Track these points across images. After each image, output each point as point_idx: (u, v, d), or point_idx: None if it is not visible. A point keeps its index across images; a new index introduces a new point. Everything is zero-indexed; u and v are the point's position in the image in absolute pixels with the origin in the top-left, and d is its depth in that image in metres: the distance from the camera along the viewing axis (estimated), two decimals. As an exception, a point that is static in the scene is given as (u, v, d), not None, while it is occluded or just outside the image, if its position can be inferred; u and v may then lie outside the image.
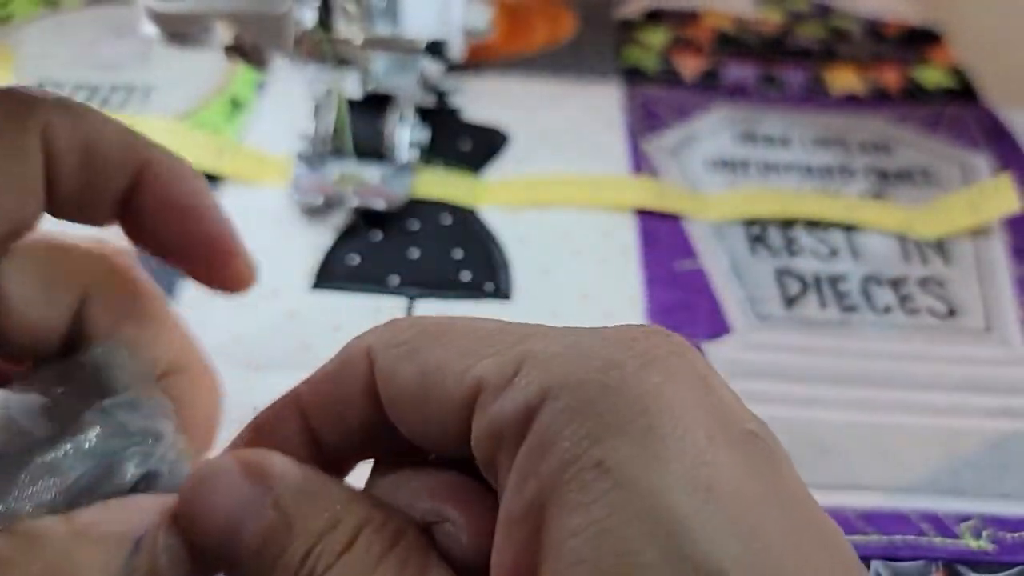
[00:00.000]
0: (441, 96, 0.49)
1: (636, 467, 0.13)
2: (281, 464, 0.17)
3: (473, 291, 0.38)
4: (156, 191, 0.19)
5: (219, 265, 0.20)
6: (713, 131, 0.48)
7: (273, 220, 0.41)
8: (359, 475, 0.19)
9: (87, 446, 0.17)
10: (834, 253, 0.41)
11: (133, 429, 0.17)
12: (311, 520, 0.16)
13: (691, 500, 0.13)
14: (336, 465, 0.19)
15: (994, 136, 0.49)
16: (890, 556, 0.29)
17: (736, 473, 0.14)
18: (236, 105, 0.47)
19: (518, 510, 0.14)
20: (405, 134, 0.41)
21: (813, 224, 0.42)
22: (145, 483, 0.17)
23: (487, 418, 0.15)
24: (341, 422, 0.18)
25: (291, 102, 0.47)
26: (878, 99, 0.51)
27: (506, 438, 0.15)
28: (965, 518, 0.31)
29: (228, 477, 0.16)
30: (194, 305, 0.36)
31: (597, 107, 0.49)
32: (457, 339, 0.16)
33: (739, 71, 0.53)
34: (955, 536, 0.30)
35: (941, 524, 0.30)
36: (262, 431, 0.19)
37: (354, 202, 0.40)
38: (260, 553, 0.16)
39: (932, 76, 0.53)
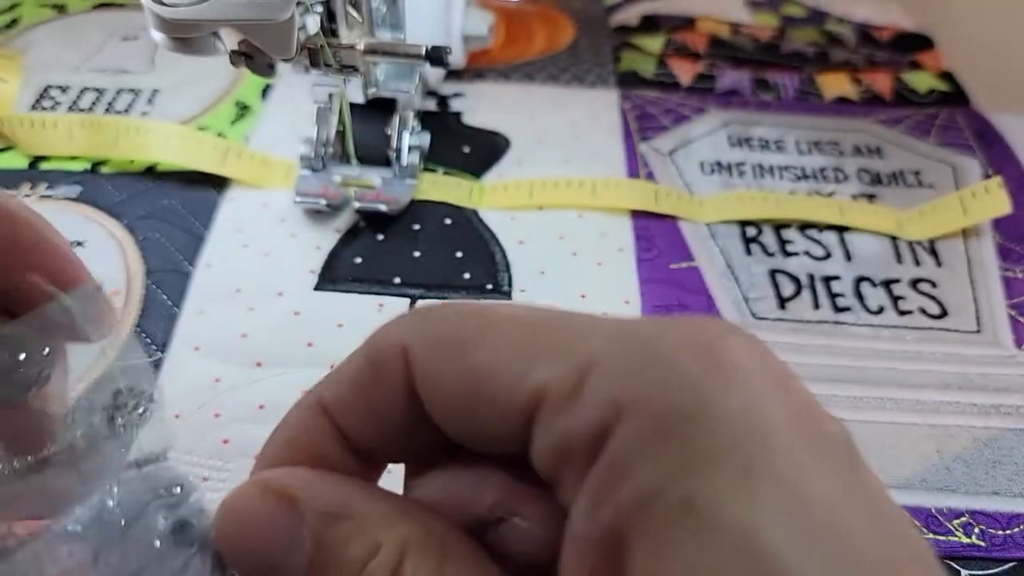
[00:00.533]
0: (443, 101, 0.50)
1: (727, 503, 0.12)
2: (310, 486, 0.16)
3: (473, 290, 0.39)
4: None
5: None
6: (708, 135, 0.49)
7: (278, 222, 0.41)
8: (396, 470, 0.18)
9: (111, 504, 0.16)
10: (827, 254, 0.42)
11: (157, 483, 0.17)
12: (351, 548, 0.15)
13: (788, 536, 0.12)
14: (370, 464, 0.18)
15: (985, 140, 0.49)
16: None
17: (828, 491, 0.13)
18: (242, 109, 0.48)
19: (593, 533, 0.14)
20: (407, 139, 0.42)
21: (807, 225, 0.43)
22: (178, 534, 0.16)
23: (554, 433, 0.14)
24: (376, 424, 0.17)
25: (295, 107, 0.48)
26: (871, 103, 0.52)
27: (576, 455, 0.14)
28: (956, 514, 0.31)
29: (259, 513, 0.16)
30: (201, 306, 0.37)
31: (595, 111, 0.50)
32: (505, 336, 0.15)
33: (734, 76, 0.54)
34: (947, 532, 0.31)
35: (933, 520, 0.31)
36: (288, 442, 0.18)
37: (356, 206, 0.41)
38: None
39: (924, 80, 0.54)
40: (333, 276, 0.39)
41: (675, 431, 0.13)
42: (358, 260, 0.40)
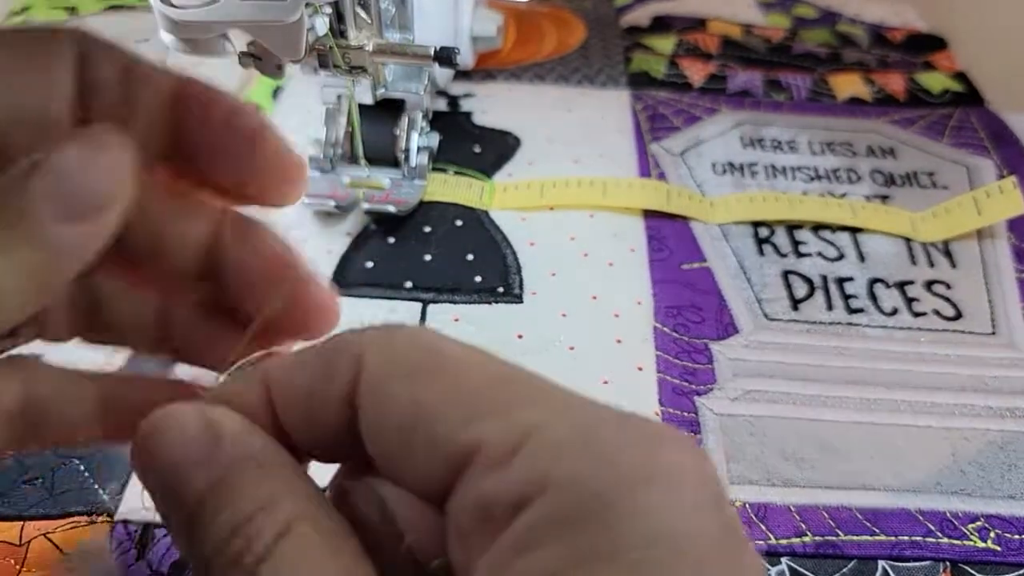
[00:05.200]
0: (453, 101, 0.49)
1: None
2: (239, 427, 0.16)
3: (485, 293, 0.38)
4: (197, 105, 0.19)
5: (271, 169, 0.20)
6: (720, 135, 0.49)
7: (288, 225, 0.41)
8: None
9: None
10: (841, 255, 0.41)
11: None
12: (249, 491, 0.15)
13: None
14: (294, 455, 0.18)
15: (999, 140, 0.49)
16: (897, 556, 0.29)
17: None
18: (250, 111, 0.48)
19: None
20: (415, 139, 0.42)
21: (820, 226, 0.43)
22: None
23: (477, 491, 0.14)
24: (306, 418, 0.17)
25: (305, 109, 0.48)
26: (884, 104, 0.52)
27: (492, 518, 0.14)
28: (972, 518, 0.31)
29: (186, 426, 0.16)
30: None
31: (606, 112, 0.50)
32: (457, 379, 0.15)
33: (746, 76, 0.53)
34: (961, 536, 0.30)
35: (947, 524, 0.31)
36: (228, 400, 0.18)
37: (365, 207, 0.40)
38: (199, 508, 0.15)
39: (937, 81, 0.54)
40: (345, 281, 0.39)
41: (590, 519, 0.13)
42: (369, 264, 0.39)
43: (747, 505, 0.31)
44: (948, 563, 0.29)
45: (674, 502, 0.13)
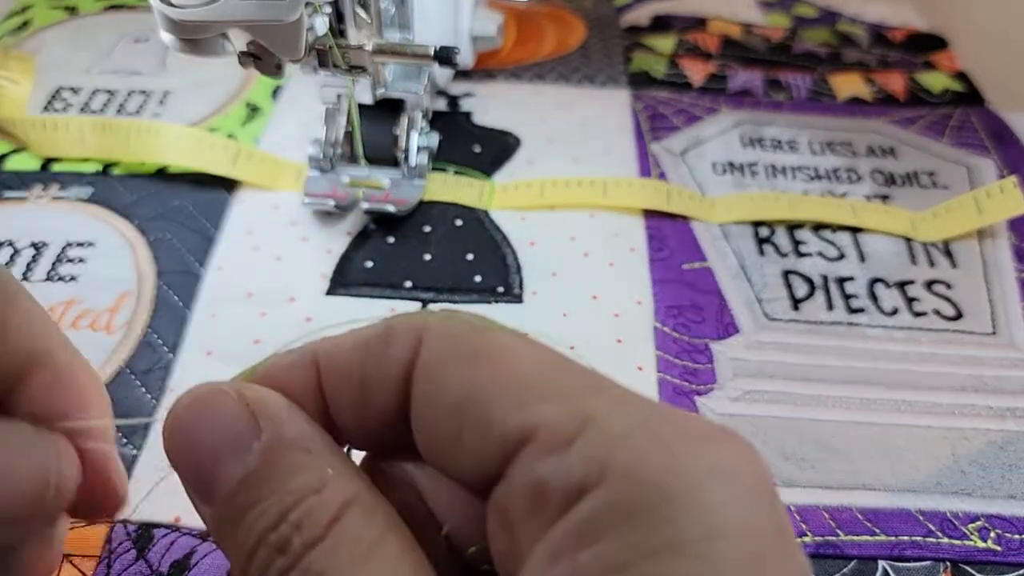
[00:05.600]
0: (453, 101, 0.49)
1: None
2: (282, 410, 0.16)
3: (485, 293, 0.38)
4: (37, 395, 0.18)
5: (92, 490, 0.19)
6: (721, 134, 0.48)
7: (288, 224, 0.41)
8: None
9: None
10: (841, 255, 0.41)
11: None
12: (298, 477, 0.15)
13: None
14: (334, 438, 0.17)
15: (1000, 140, 0.49)
16: (897, 557, 0.29)
17: None
18: (253, 111, 0.48)
19: None
20: (415, 139, 0.42)
21: (820, 226, 0.43)
22: None
23: (533, 475, 0.14)
24: (360, 400, 0.16)
25: (305, 109, 0.48)
26: (884, 103, 0.52)
27: (548, 502, 0.14)
28: (972, 518, 0.31)
29: (222, 408, 0.15)
30: (211, 311, 0.37)
31: (606, 111, 0.50)
32: (516, 364, 0.15)
33: (746, 76, 0.53)
34: (962, 536, 0.30)
35: (948, 524, 0.30)
36: (273, 380, 0.17)
37: (365, 207, 0.40)
38: (232, 500, 0.15)
39: (938, 81, 0.54)
40: (345, 280, 0.39)
41: (653, 511, 0.13)
42: (369, 264, 0.39)
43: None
44: (948, 563, 0.29)
45: (733, 497, 0.13)
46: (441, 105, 0.49)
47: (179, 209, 0.41)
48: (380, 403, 0.16)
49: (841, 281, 0.40)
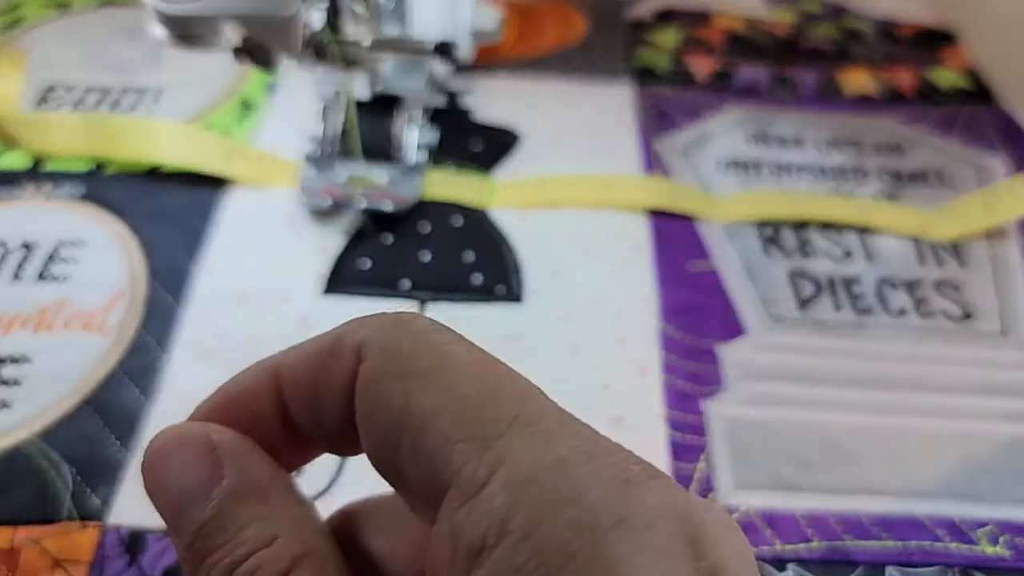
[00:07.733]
0: (452, 97, 0.49)
1: None
2: (240, 455, 0.16)
3: (485, 294, 0.38)
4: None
5: None
6: (725, 131, 0.48)
7: (283, 223, 0.41)
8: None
9: None
10: (848, 255, 0.41)
11: None
12: (249, 529, 0.15)
13: None
14: (305, 445, 0.18)
15: (1009, 137, 0.48)
16: (905, 562, 0.29)
17: None
18: (247, 107, 0.47)
19: None
20: (414, 135, 0.41)
21: (827, 225, 0.42)
22: None
23: (452, 522, 0.14)
24: (313, 409, 0.17)
25: (300, 104, 0.47)
26: (892, 100, 0.51)
27: (458, 556, 0.14)
28: (981, 524, 0.30)
29: (186, 455, 0.16)
30: (206, 309, 0.36)
31: (609, 107, 0.49)
32: (455, 384, 0.15)
33: (751, 72, 0.53)
34: (971, 542, 0.30)
35: (957, 530, 0.30)
36: (236, 398, 0.18)
37: (362, 204, 0.40)
38: (191, 545, 0.15)
39: (946, 77, 0.53)
40: (341, 280, 0.38)
41: (551, 570, 0.13)
42: (366, 263, 0.39)
43: (752, 510, 0.30)
44: (957, 569, 0.29)
45: (642, 549, 0.13)
46: (440, 101, 0.48)
47: (172, 208, 0.41)
48: (331, 413, 0.16)
49: (848, 281, 0.39)
